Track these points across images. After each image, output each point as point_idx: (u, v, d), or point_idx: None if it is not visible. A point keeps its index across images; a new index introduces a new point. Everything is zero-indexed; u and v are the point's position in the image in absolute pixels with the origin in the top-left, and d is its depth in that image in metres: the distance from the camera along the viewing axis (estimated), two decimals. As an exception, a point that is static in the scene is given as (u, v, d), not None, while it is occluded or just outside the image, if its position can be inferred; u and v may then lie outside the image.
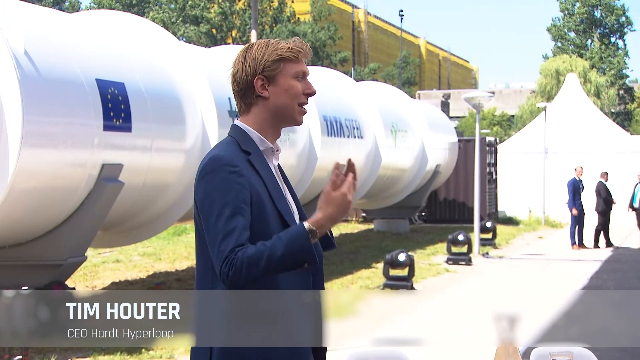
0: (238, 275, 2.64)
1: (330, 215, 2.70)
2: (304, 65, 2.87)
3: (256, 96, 2.84)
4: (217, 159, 2.74)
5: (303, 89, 2.86)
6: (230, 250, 2.65)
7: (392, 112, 19.87)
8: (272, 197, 2.79)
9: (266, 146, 2.86)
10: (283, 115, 2.86)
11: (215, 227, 2.68)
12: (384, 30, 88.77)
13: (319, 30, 58.90)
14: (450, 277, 14.39)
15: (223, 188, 2.70)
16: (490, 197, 25.10)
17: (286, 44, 2.85)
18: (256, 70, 2.83)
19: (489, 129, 57.50)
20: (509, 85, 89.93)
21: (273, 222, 2.77)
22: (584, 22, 72.01)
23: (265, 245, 2.65)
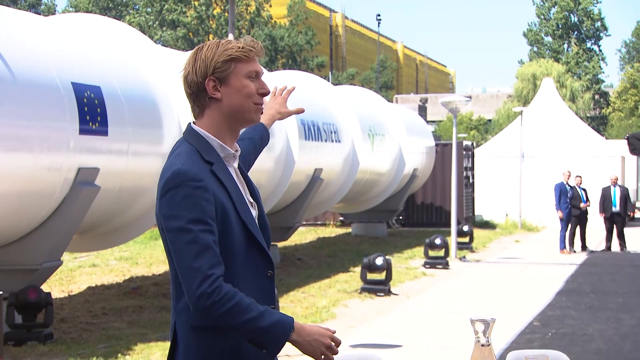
0: (218, 308, 2.57)
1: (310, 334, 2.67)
2: (256, 64, 2.80)
3: (209, 98, 2.75)
4: (181, 173, 2.64)
5: (257, 88, 2.78)
6: (208, 268, 2.57)
7: (369, 116, 19.91)
8: (237, 209, 2.72)
9: (227, 152, 2.78)
10: (238, 116, 2.78)
11: (186, 245, 2.59)
12: (362, 35, 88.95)
13: (296, 34, 58.92)
14: (428, 280, 14.43)
15: (188, 204, 2.60)
16: (467, 201, 25.21)
17: (237, 43, 2.77)
18: (207, 71, 2.74)
19: (466, 133, 57.77)
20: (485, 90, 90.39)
21: (237, 234, 2.71)
22: (560, 27, 72.57)
23: (257, 306, 2.61)
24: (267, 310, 2.63)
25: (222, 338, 2.67)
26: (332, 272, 14.95)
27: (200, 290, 2.55)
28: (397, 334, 9.54)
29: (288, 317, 2.67)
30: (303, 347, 2.65)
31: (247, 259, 2.73)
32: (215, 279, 2.56)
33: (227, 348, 2.68)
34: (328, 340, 2.68)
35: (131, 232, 11.18)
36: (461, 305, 11.65)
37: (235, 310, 2.57)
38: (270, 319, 2.61)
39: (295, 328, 2.65)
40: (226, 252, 2.66)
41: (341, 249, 19.07)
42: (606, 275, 15.10)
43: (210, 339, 2.67)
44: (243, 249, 2.72)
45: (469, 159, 25.59)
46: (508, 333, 9.41)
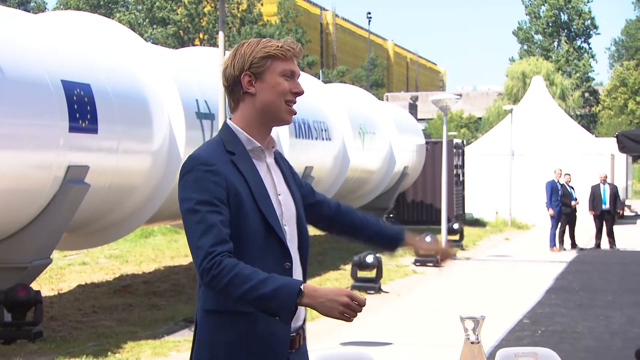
0: (220, 279, 2.63)
1: (322, 296, 2.63)
2: (293, 64, 2.87)
3: (243, 92, 2.85)
4: (194, 158, 2.77)
5: (290, 87, 2.85)
6: (210, 245, 2.64)
7: (360, 114, 19.91)
8: (255, 198, 2.78)
9: (254, 145, 2.85)
10: (270, 113, 2.85)
11: (193, 225, 2.69)
12: (352, 33, 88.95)
13: (286, 32, 58.86)
14: (418, 278, 14.45)
15: (198, 186, 2.71)
16: (458, 199, 25.24)
17: (277, 42, 2.86)
18: (244, 66, 2.83)
19: (457, 131, 57.85)
20: (476, 88, 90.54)
21: (254, 222, 2.76)
22: (550, 25, 72.73)
23: (258, 274, 2.63)
24: (270, 277, 2.63)
25: (232, 324, 2.74)
26: (322, 270, 14.95)
27: (202, 266, 2.64)
28: (388, 332, 9.55)
29: (294, 281, 2.67)
30: (318, 309, 2.64)
31: (265, 248, 2.78)
32: (215, 255, 2.63)
33: (233, 334, 2.74)
34: (345, 299, 2.63)
35: (121, 230, 11.15)
36: (451, 303, 11.68)
37: (236, 281, 2.61)
38: (273, 284, 2.62)
39: (305, 291, 2.62)
40: (241, 238, 2.74)
41: (332, 247, 19.07)
42: (595, 273, 15.15)
43: (220, 324, 2.75)
44: (260, 238, 2.77)
45: (459, 157, 25.62)
46: (498, 331, 9.44)
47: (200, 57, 13.84)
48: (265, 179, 2.86)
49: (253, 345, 2.75)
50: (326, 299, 2.63)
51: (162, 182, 10.92)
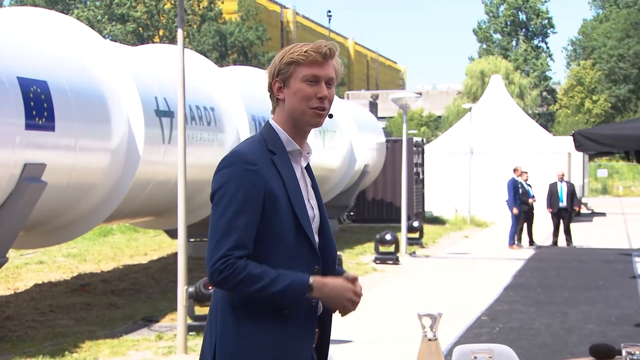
0: (230, 280, 2.67)
1: (332, 289, 2.76)
2: (318, 69, 2.84)
3: (276, 98, 2.89)
4: (237, 154, 2.78)
5: (315, 92, 2.83)
6: (229, 249, 2.67)
7: (320, 112, 19.90)
8: (290, 199, 2.79)
9: (293, 147, 2.88)
10: (296, 118, 2.87)
11: (219, 221, 2.71)
12: (313, 31, 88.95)
13: (246, 30, 58.72)
14: (378, 276, 14.50)
15: (235, 184, 2.72)
16: (418, 197, 25.38)
17: (304, 47, 2.86)
18: (274, 73, 2.88)
19: (417, 130, 58.17)
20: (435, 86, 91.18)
21: (287, 223, 2.77)
22: (508, 24, 73.43)
23: (268, 273, 2.69)
24: (280, 275, 2.69)
25: (258, 319, 2.73)
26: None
27: (214, 267, 2.68)
28: (348, 330, 9.57)
29: (303, 277, 2.72)
30: (324, 301, 2.78)
31: (295, 249, 2.79)
32: (231, 258, 2.67)
33: (261, 330, 2.74)
34: (350, 294, 2.78)
35: (79, 229, 11.04)
36: (411, 300, 11.74)
37: (246, 282, 2.66)
38: (282, 282, 2.68)
39: (314, 286, 2.72)
40: (272, 238, 2.75)
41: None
42: (553, 270, 15.33)
43: (245, 319, 2.74)
44: (291, 239, 2.78)
45: (419, 155, 25.76)
46: (457, 328, 9.51)
47: (160, 55, 13.74)
48: (299, 182, 2.89)
49: (281, 339, 2.76)
50: (334, 295, 2.76)
51: (121, 180, 10.83)
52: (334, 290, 2.76)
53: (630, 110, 65.13)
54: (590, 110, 64.34)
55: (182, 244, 8.22)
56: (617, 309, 10.96)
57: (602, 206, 36.61)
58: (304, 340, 2.80)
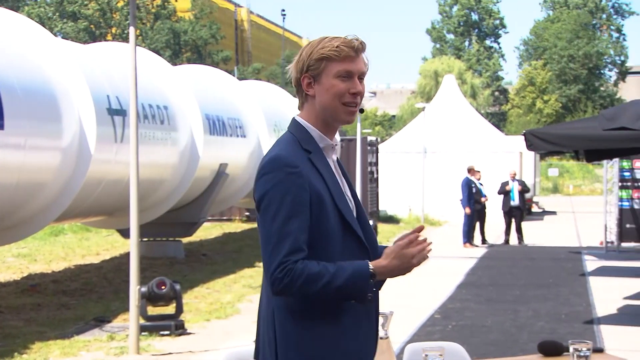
0: (291, 286, 2.64)
1: (393, 267, 2.73)
2: (350, 64, 2.80)
3: (305, 94, 2.84)
4: (278, 159, 2.72)
5: (348, 88, 2.79)
6: (285, 255, 2.64)
7: (275, 111, 19.90)
8: (333, 196, 2.77)
9: (326, 143, 2.84)
10: (328, 114, 2.83)
11: (270, 228, 2.67)
12: (267, 30, 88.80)
13: (200, 28, 58.42)
14: (332, 275, 14.51)
15: (281, 189, 2.68)
16: (372, 196, 25.48)
17: (335, 42, 2.80)
18: (303, 68, 2.82)
19: (371, 129, 58.38)
20: (390, 86, 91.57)
21: (333, 221, 2.75)
22: (461, 24, 74.07)
23: (327, 269, 2.65)
24: (338, 268, 2.66)
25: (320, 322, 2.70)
26: (237, 267, 14.90)
27: (273, 275, 2.64)
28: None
29: (361, 265, 2.69)
30: (392, 274, 2.74)
31: (344, 245, 2.76)
32: (289, 264, 2.63)
33: (327, 333, 2.70)
34: (409, 253, 2.72)
35: (29, 228, 10.88)
36: (365, 298, 11.77)
37: (308, 283, 2.63)
38: (344, 275, 2.65)
39: (375, 271, 2.70)
40: (322, 238, 2.72)
41: (247, 244, 19.02)
42: (504, 268, 15.51)
43: (307, 323, 2.70)
44: (339, 236, 2.76)
45: (373, 155, 25.86)
46: (410, 326, 9.58)
47: (112, 53, 13.61)
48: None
49: (344, 341, 2.72)
50: (396, 266, 2.73)
51: (72, 179, 10.71)
52: (392, 262, 2.73)
53: (580, 110, 66.13)
54: (542, 110, 65.17)
55: (135, 244, 8.16)
56: (567, 306, 11.13)
57: (553, 205, 37.13)
58: (367, 338, 2.78)
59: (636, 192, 18.26)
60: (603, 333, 9.28)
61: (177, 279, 10.81)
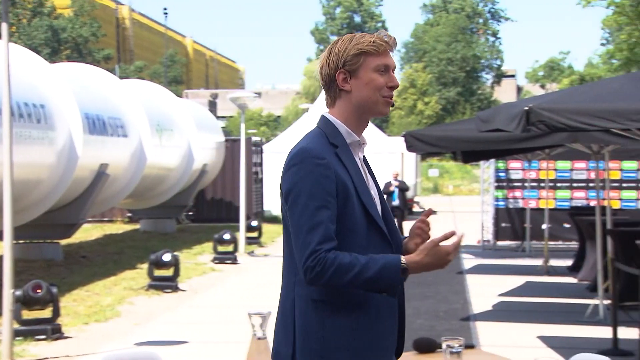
0: (322, 275, 2.66)
1: (426, 264, 2.75)
2: (387, 58, 2.87)
3: (339, 90, 2.87)
4: (305, 150, 2.77)
5: (386, 81, 2.86)
6: (317, 243, 2.67)
7: (157, 111, 19.64)
8: (358, 191, 2.80)
9: (353, 139, 2.89)
10: (366, 108, 2.88)
11: (300, 218, 2.70)
12: (150, 28, 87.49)
13: (80, 25, 57.04)
14: (216, 276, 14.46)
15: (310, 180, 2.72)
16: (257, 197, 25.48)
17: (369, 37, 2.86)
18: (338, 64, 2.85)
19: (257, 129, 58.36)
20: (275, 87, 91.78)
21: (358, 215, 2.78)
22: (345, 26, 74.96)
23: (359, 260, 2.68)
24: (370, 260, 2.69)
25: (342, 313, 2.73)
26: (118, 269, 14.62)
27: (306, 264, 2.68)
28: (184, 331, 9.49)
29: (393, 258, 2.72)
30: (424, 270, 2.76)
31: (368, 239, 2.79)
32: (321, 253, 2.66)
33: (345, 324, 2.73)
34: (443, 250, 2.74)
35: None
36: (248, 299, 11.77)
37: (338, 273, 2.66)
38: (374, 266, 2.68)
39: (408, 264, 2.72)
40: (347, 230, 2.75)
41: (128, 245, 18.70)
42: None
43: (329, 313, 2.73)
44: (364, 230, 2.79)
45: (258, 155, 25.86)
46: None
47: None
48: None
49: (366, 332, 2.75)
50: (429, 262, 2.74)
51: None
52: (431, 260, 2.75)
53: (459, 112, 68.00)
54: (423, 112, 66.65)
55: (9, 246, 7.89)
56: (445, 303, 11.41)
57: (433, 205, 37.93)
58: (388, 332, 2.81)
59: (511, 192, 18.93)
60: (478, 329, 9.57)
61: (55, 281, 10.51)
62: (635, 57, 26.72)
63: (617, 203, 17.83)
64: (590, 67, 57.28)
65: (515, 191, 18.92)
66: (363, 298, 2.75)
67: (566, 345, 8.40)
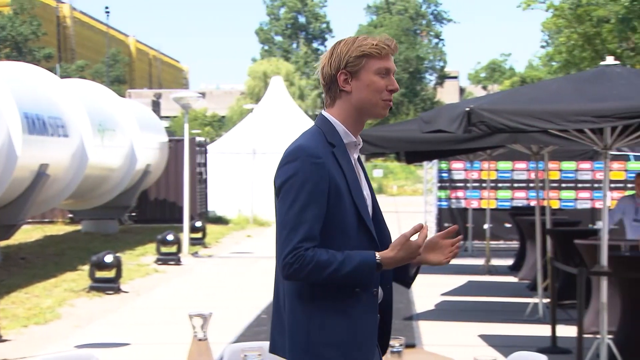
0: (300, 272, 2.74)
1: (400, 258, 2.82)
2: (388, 62, 2.93)
3: (339, 90, 2.92)
4: (302, 148, 2.82)
5: (386, 85, 2.92)
6: (299, 241, 2.73)
7: (99, 111, 19.40)
8: (351, 191, 2.84)
9: (350, 140, 2.93)
10: (365, 109, 2.93)
11: (287, 214, 2.77)
12: (92, 27, 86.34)
13: (20, 24, 56.06)
14: (159, 277, 14.34)
15: (302, 178, 2.77)
16: (201, 197, 25.33)
17: (372, 40, 2.91)
18: (340, 65, 2.90)
19: (201, 129, 58.01)
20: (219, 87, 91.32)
21: (349, 215, 2.83)
22: (289, 26, 74.94)
23: (336, 257, 2.75)
24: (347, 256, 2.76)
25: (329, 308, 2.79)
26: (59, 271, 14.41)
27: (285, 260, 2.77)
28: (126, 332, 9.40)
29: (368, 255, 2.79)
30: (398, 264, 2.83)
31: (357, 240, 2.85)
32: (301, 250, 2.74)
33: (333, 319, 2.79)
34: (414, 244, 2.83)
35: None
36: (191, 301, 11.70)
37: (316, 269, 2.73)
38: (351, 263, 2.75)
39: (382, 260, 2.79)
40: (337, 231, 2.81)
41: (70, 246, 18.43)
42: (331, 267, 15.82)
43: (316, 309, 2.79)
44: (354, 231, 2.85)
45: (202, 155, 25.71)
46: (237, 327, 9.60)
47: None
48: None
49: (351, 327, 2.80)
50: (401, 257, 2.81)
51: None
52: (397, 254, 2.80)
53: (402, 113, 68.48)
54: (368, 113, 66.94)
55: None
56: (389, 302, 11.49)
57: (377, 204, 38.23)
58: (371, 327, 2.86)
59: (454, 192, 19.14)
60: (421, 328, 9.67)
61: (-7, 285, 10.33)
62: (574, 60, 27.20)
63: (556, 203, 18.16)
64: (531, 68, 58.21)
65: (457, 191, 19.14)
66: (347, 293, 2.82)
67: (506, 344, 8.52)
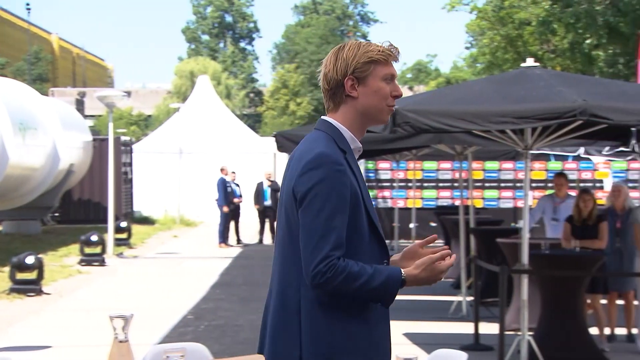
0: (332, 281, 2.72)
1: (422, 278, 2.84)
2: (393, 68, 2.95)
3: (345, 96, 2.91)
4: (325, 155, 2.79)
5: (391, 91, 2.92)
6: (330, 250, 2.71)
7: (20, 109, 18.96)
8: (363, 197, 2.86)
9: (356, 145, 2.93)
10: (370, 115, 2.93)
11: (314, 222, 2.73)
12: (12, 24, 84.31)
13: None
14: (83, 278, 14.11)
15: (327, 185, 2.75)
16: (126, 197, 25.00)
17: (377, 46, 2.92)
18: (347, 70, 2.89)
19: (127, 129, 57.23)
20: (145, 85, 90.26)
21: (364, 221, 2.84)
22: (216, 26, 74.54)
23: (366, 269, 2.76)
24: (375, 271, 2.77)
25: (350, 316, 2.79)
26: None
27: (317, 268, 2.72)
28: (47, 335, 9.22)
29: (395, 271, 2.82)
30: (418, 284, 2.85)
31: (370, 245, 2.86)
32: (333, 259, 2.72)
33: (355, 327, 2.79)
34: (438, 268, 2.84)
35: None
36: (116, 302, 11.54)
37: (347, 280, 2.73)
38: (379, 278, 2.76)
39: (406, 278, 2.82)
40: (355, 235, 2.80)
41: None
42: (258, 267, 15.80)
43: (338, 317, 2.78)
44: (367, 235, 2.86)
45: (127, 155, 25.38)
46: (162, 328, 9.51)
47: None
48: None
49: (371, 335, 2.82)
50: (426, 277, 2.84)
51: None
52: (422, 274, 2.83)
53: (330, 113, 68.69)
54: (295, 112, 67.03)
55: None
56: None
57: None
58: (387, 335, 2.90)
59: (380, 192, 19.30)
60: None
61: None
62: (497, 61, 27.66)
63: (480, 202, 18.47)
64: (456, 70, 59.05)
65: (384, 191, 19.31)
66: (366, 304, 2.85)
67: (430, 342, 8.63)
